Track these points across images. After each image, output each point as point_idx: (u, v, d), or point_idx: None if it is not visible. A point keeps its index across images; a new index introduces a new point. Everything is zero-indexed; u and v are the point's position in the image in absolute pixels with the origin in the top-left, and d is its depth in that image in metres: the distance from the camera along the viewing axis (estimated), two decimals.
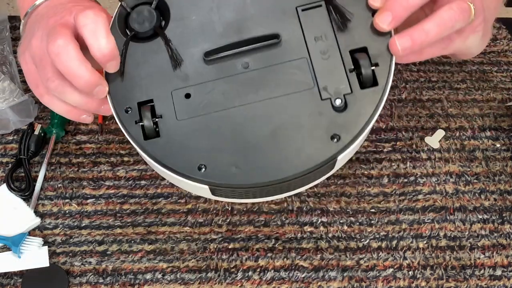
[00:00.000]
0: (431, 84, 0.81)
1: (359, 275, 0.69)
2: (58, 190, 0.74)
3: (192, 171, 0.56)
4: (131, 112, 0.57)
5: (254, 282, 0.68)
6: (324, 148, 0.56)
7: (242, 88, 0.57)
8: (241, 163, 0.56)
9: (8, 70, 0.79)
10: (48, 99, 0.59)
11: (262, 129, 0.56)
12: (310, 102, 0.56)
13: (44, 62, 0.57)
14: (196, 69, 0.58)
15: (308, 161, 0.55)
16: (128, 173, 0.75)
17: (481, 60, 0.83)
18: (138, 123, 0.57)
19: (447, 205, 0.73)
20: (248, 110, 0.57)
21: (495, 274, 0.69)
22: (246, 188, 0.57)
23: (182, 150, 0.56)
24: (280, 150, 0.56)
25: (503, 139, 0.78)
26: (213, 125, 0.57)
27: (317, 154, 0.56)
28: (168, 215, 0.72)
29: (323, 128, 0.56)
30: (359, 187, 0.74)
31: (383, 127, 0.78)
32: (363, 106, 0.56)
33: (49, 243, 0.71)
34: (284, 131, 0.56)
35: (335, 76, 0.57)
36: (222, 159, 0.56)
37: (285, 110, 0.56)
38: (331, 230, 0.71)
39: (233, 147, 0.56)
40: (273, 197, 0.62)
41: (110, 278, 0.69)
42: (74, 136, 0.78)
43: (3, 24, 0.83)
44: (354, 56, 0.57)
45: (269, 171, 0.55)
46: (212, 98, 0.57)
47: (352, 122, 0.56)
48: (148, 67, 0.58)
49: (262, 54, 0.58)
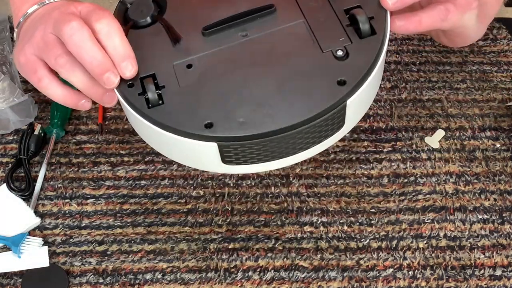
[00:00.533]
0: (431, 84, 0.81)
1: (359, 275, 0.69)
2: (58, 190, 0.74)
3: (199, 129, 0.55)
4: (134, 87, 0.57)
5: (254, 282, 0.68)
6: (332, 93, 0.55)
7: (243, 52, 0.59)
8: (249, 114, 0.55)
9: (8, 70, 0.79)
10: (47, 82, 0.58)
11: (267, 83, 0.56)
12: (312, 55, 0.58)
13: (51, 44, 0.56)
14: (196, 43, 0.60)
15: (318, 105, 0.55)
16: (128, 173, 0.75)
17: (481, 60, 0.83)
18: (141, 95, 0.57)
19: (447, 205, 0.73)
20: (251, 70, 0.57)
21: (495, 274, 0.69)
22: (257, 140, 0.55)
23: (188, 112, 0.56)
24: (287, 99, 0.55)
25: (503, 139, 0.78)
26: (218, 86, 0.57)
27: (326, 99, 0.55)
28: (168, 215, 0.72)
29: (329, 75, 0.56)
30: (359, 187, 0.74)
31: (383, 127, 0.78)
32: (364, 53, 0.57)
33: (49, 243, 0.70)
34: (289, 83, 0.56)
35: (333, 32, 0.59)
36: (229, 114, 0.55)
37: (288, 66, 0.57)
38: (331, 230, 0.71)
39: (240, 102, 0.56)
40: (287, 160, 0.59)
41: (110, 278, 0.68)
42: (74, 136, 0.78)
43: (3, 24, 0.83)
44: (349, 14, 0.59)
45: (278, 118, 0.54)
46: (214, 64, 0.58)
47: (356, 67, 0.57)
48: (149, 47, 0.60)
49: (259, 22, 0.60)
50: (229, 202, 0.73)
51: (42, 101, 0.80)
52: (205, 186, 0.74)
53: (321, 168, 0.75)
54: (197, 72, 0.58)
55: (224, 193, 0.74)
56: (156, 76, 0.58)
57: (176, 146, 0.57)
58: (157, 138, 0.58)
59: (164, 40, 0.60)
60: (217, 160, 0.57)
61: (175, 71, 0.58)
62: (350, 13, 0.59)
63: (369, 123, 0.78)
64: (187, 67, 0.58)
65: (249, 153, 0.56)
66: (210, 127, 0.55)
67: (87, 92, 0.58)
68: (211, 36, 0.60)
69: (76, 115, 0.79)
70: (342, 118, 0.57)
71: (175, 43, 0.60)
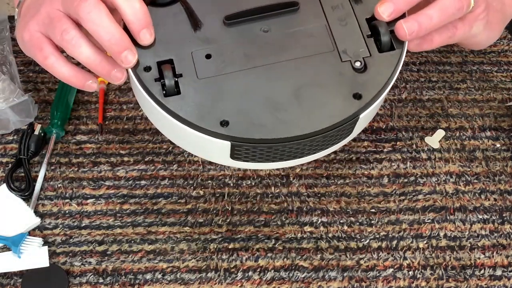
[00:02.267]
0: (431, 84, 0.81)
1: (359, 275, 0.69)
2: (58, 190, 0.74)
3: (214, 126, 0.55)
4: (151, 71, 0.57)
5: (254, 282, 0.68)
6: (346, 106, 0.56)
7: (263, 50, 0.58)
8: (265, 118, 0.55)
9: (8, 70, 0.79)
10: (53, 60, 0.57)
11: (284, 88, 0.57)
12: (331, 63, 0.58)
13: (57, 18, 0.55)
14: (217, 31, 0.59)
15: (332, 117, 0.56)
16: (128, 173, 0.75)
17: (481, 60, 0.83)
18: (158, 81, 0.56)
19: (447, 205, 0.73)
20: (270, 70, 0.57)
21: (495, 274, 0.69)
22: (269, 144, 0.56)
23: (204, 106, 0.56)
24: (303, 107, 0.56)
25: (503, 139, 0.78)
26: (235, 83, 0.57)
27: (340, 111, 0.56)
28: (168, 215, 0.72)
29: (345, 87, 0.57)
30: (359, 187, 0.74)
31: (383, 127, 0.78)
32: (382, 68, 0.58)
33: (49, 243, 0.70)
34: (306, 90, 0.57)
35: (353, 41, 0.59)
36: (245, 114, 0.55)
37: (306, 70, 0.58)
38: (331, 230, 0.71)
39: (257, 104, 0.56)
40: (291, 162, 0.60)
41: (110, 278, 0.68)
42: (74, 136, 0.78)
43: (3, 24, 0.83)
44: (371, 24, 0.59)
45: (292, 126, 0.55)
46: (233, 59, 0.58)
47: (372, 81, 0.57)
48: (167, 29, 0.58)
49: (281, 19, 0.59)
50: (229, 202, 0.73)
51: (42, 101, 0.80)
52: (205, 186, 0.74)
53: (321, 168, 0.75)
54: (215, 64, 0.57)
55: (224, 193, 0.74)
56: (174, 62, 0.57)
57: (188, 137, 0.57)
58: (169, 127, 0.58)
59: (183, 23, 0.59)
60: (226, 155, 0.58)
61: (193, 59, 0.58)
62: (372, 23, 0.59)
63: (369, 123, 0.78)
64: (206, 57, 0.58)
65: (258, 153, 0.57)
66: (226, 125, 0.55)
67: (94, 68, 0.56)
68: (232, 27, 0.59)
69: (76, 115, 0.79)
70: (352, 129, 0.59)
71: (195, 28, 0.59)
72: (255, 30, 0.59)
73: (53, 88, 0.81)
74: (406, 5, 0.58)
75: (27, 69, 0.83)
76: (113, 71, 0.56)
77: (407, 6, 0.58)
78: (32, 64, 0.83)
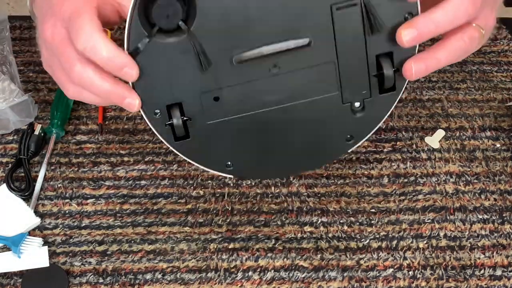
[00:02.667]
0: (431, 84, 0.81)
1: (359, 275, 0.69)
2: (58, 190, 0.74)
3: (220, 169, 0.63)
4: (161, 115, 0.58)
5: (254, 282, 0.68)
6: (339, 148, 0.63)
7: (270, 92, 0.59)
8: (264, 161, 0.63)
9: (8, 70, 0.79)
10: None
11: (286, 131, 0.61)
12: (332, 106, 0.60)
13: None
14: (225, 70, 0.57)
15: (324, 159, 0.67)
16: (128, 173, 0.75)
17: (481, 60, 0.83)
18: (168, 126, 0.59)
19: (447, 205, 0.73)
20: (274, 113, 0.60)
21: (495, 274, 0.69)
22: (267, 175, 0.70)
23: (211, 150, 0.61)
24: (301, 150, 0.63)
25: (503, 139, 0.78)
26: (240, 127, 0.60)
27: (332, 154, 0.65)
28: (168, 215, 0.72)
29: (340, 130, 0.62)
30: (359, 187, 0.74)
31: (383, 127, 0.78)
32: (378, 109, 0.61)
33: (49, 243, 0.70)
34: (305, 133, 0.61)
35: (358, 81, 0.59)
36: (247, 158, 0.63)
37: (308, 114, 0.60)
38: (331, 230, 0.71)
39: (258, 147, 0.62)
40: None
41: (110, 278, 0.68)
42: (74, 136, 0.78)
43: (3, 24, 0.83)
44: (379, 60, 0.58)
45: (289, 168, 0.66)
46: (240, 102, 0.59)
47: (366, 124, 0.61)
48: (175, 67, 0.57)
49: (291, 56, 0.57)
50: (229, 202, 0.73)
51: (42, 101, 0.80)
52: (205, 186, 0.74)
53: (321, 168, 0.75)
54: (223, 108, 0.59)
55: (224, 193, 0.74)
56: (183, 105, 0.58)
57: None
58: None
59: (191, 60, 0.56)
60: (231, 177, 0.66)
61: (202, 102, 0.58)
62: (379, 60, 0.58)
63: None
64: (214, 100, 0.58)
65: None
66: (232, 167, 0.63)
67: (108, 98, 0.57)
68: (241, 66, 0.57)
69: (76, 115, 0.79)
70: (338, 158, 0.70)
71: (205, 68, 0.56)
72: (264, 68, 0.57)
73: (53, 88, 0.81)
74: (428, 36, 0.56)
75: (27, 69, 0.83)
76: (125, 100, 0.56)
77: (429, 35, 0.56)
78: (32, 64, 0.83)
